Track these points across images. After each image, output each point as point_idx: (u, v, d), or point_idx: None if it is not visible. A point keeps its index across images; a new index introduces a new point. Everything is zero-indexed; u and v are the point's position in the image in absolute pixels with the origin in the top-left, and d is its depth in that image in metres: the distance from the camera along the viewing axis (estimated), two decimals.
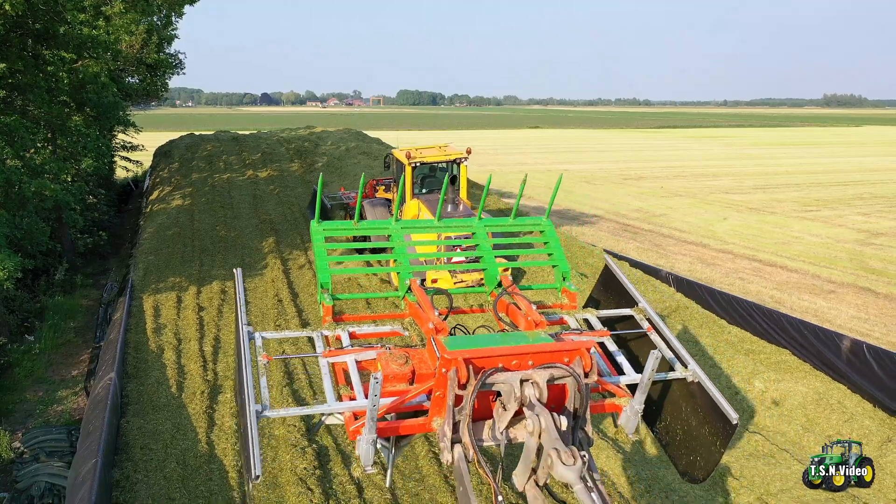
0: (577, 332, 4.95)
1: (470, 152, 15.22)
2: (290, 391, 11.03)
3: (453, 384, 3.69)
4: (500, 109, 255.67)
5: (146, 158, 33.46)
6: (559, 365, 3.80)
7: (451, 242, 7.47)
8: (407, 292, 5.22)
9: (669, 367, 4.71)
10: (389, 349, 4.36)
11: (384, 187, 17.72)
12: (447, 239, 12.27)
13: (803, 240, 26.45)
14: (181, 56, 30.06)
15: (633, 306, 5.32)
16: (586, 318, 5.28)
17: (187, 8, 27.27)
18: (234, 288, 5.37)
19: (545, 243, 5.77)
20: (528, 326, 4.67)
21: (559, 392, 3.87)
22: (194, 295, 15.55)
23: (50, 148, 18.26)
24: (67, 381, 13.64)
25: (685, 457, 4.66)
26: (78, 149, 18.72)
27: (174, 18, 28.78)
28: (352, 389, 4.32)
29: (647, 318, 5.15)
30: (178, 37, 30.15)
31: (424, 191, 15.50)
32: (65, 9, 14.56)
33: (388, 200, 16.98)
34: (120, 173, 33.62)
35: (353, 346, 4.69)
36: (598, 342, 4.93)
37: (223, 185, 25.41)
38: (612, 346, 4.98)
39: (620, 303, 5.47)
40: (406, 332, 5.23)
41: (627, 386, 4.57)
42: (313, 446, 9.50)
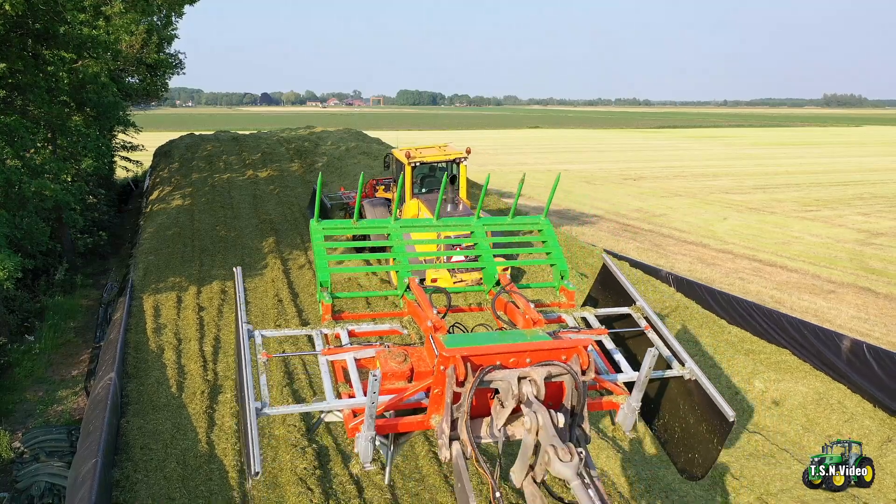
0: (574, 330, 4.97)
1: (469, 152, 15.24)
2: (291, 391, 11.05)
3: (451, 382, 3.71)
4: (500, 109, 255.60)
5: (146, 158, 33.47)
6: (557, 363, 3.81)
7: (451, 241, 7.49)
8: (406, 291, 5.24)
9: (667, 365, 4.73)
10: (388, 347, 4.38)
11: (384, 187, 17.74)
12: (446, 238, 12.28)
13: (803, 240, 26.45)
14: (181, 56, 30.12)
15: (631, 305, 5.33)
16: (584, 317, 5.30)
17: (187, 8, 27.37)
18: (234, 287, 5.38)
19: (543, 242, 5.79)
20: (526, 325, 4.68)
21: (557, 389, 3.89)
22: (194, 295, 15.56)
23: (50, 148, 18.27)
24: (67, 381, 13.65)
25: (684, 454, 4.68)
26: (78, 149, 18.74)
27: (174, 18, 28.82)
28: (351, 387, 4.34)
29: (645, 317, 5.17)
30: (178, 37, 30.21)
31: (424, 190, 15.52)
32: (65, 9, 14.56)
33: (388, 200, 16.99)
34: (120, 173, 33.63)
35: (352, 345, 4.70)
36: (596, 340, 4.95)
37: (223, 185, 25.42)
38: (610, 345, 5.00)
39: (618, 301, 5.49)
40: (405, 331, 5.25)
41: (625, 384, 4.59)
42: (313, 446, 9.51)
